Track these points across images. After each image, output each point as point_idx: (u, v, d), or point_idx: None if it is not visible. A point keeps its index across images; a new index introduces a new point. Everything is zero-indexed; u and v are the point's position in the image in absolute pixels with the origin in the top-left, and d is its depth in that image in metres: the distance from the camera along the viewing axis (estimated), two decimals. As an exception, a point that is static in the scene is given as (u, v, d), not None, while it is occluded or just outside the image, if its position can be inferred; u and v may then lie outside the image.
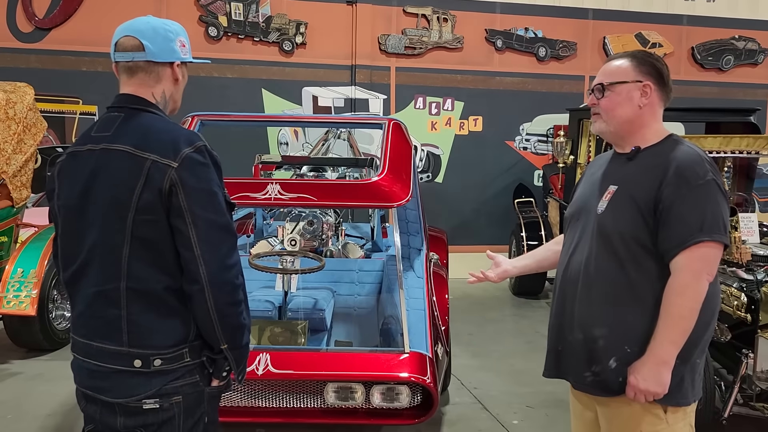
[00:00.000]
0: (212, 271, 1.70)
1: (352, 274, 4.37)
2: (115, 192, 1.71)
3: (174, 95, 1.88)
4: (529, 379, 4.67)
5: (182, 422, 1.77)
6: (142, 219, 1.70)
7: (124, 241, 1.71)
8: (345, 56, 7.94)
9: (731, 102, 8.57)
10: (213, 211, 1.72)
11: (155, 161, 1.69)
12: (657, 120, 2.02)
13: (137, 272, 1.72)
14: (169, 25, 1.86)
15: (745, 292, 3.72)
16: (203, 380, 1.79)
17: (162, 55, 1.81)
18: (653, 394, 1.87)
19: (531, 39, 8.41)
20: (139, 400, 1.73)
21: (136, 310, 1.73)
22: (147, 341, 1.73)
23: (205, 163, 1.73)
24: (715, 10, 8.92)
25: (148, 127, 1.77)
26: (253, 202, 3.38)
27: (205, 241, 1.69)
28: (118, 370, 1.74)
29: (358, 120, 5.48)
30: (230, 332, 1.75)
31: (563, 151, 6.79)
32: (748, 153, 5.04)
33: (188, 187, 1.69)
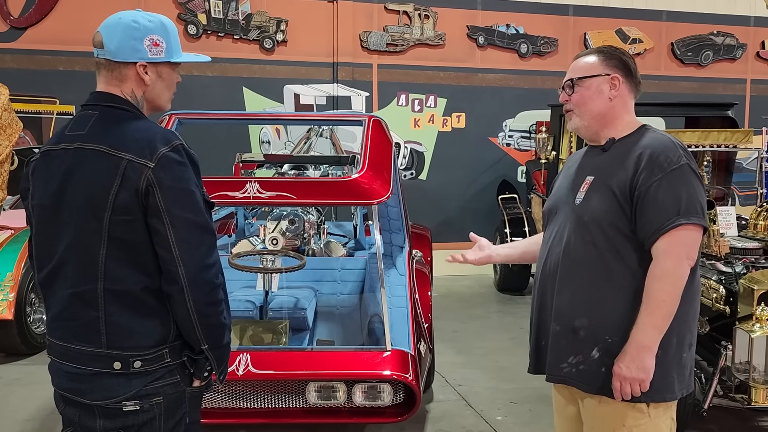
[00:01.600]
0: (191, 272, 1.68)
1: (334, 273, 4.35)
2: (91, 192, 1.68)
3: (148, 96, 1.80)
4: (513, 375, 4.68)
5: (163, 423, 1.74)
6: (118, 219, 1.67)
7: (100, 242, 1.68)
8: (326, 54, 7.90)
9: (710, 97, 8.65)
10: (191, 211, 1.70)
11: (131, 161, 1.66)
12: (628, 112, 2.05)
13: (114, 273, 1.69)
14: (140, 21, 1.76)
15: (723, 285, 3.75)
16: (184, 380, 1.77)
17: (120, 54, 1.74)
18: (638, 380, 1.85)
19: (512, 35, 8.42)
20: (119, 402, 1.70)
21: (115, 311, 1.70)
22: (126, 342, 1.71)
23: (182, 162, 1.71)
24: (694, 5, 9.00)
25: (123, 126, 1.73)
26: (232, 201, 3.35)
27: (183, 241, 1.68)
28: (98, 372, 1.71)
29: (339, 117, 5.46)
30: (210, 332, 1.73)
31: (545, 146, 6.82)
32: (726, 147, 5.09)
33: (165, 186, 1.66)
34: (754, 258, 3.92)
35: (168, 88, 1.85)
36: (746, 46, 9.15)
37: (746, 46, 9.15)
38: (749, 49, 9.18)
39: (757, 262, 3.87)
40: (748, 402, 3.20)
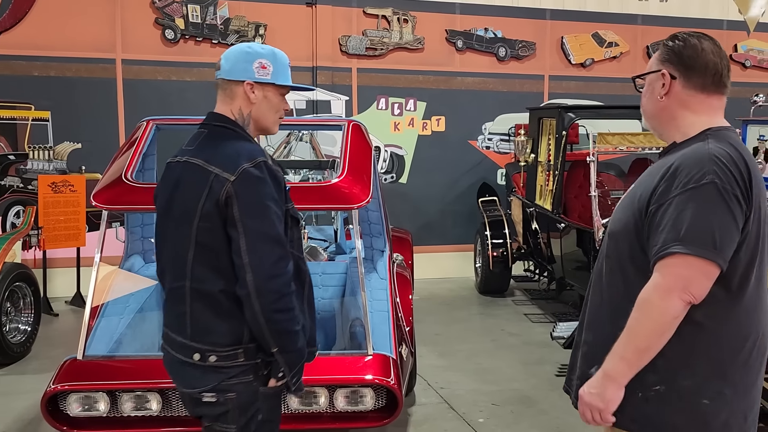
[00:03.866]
0: (259, 279, 1.83)
1: (315, 277, 4.27)
2: (186, 201, 1.91)
3: (254, 114, 2.01)
4: (495, 377, 4.71)
5: (237, 416, 1.92)
6: (203, 226, 1.87)
7: (189, 245, 1.90)
8: (306, 58, 7.88)
9: (685, 99, 8.78)
10: (263, 223, 1.85)
11: (217, 174, 1.86)
12: (691, 111, 1.76)
13: (198, 274, 1.90)
14: (253, 47, 2.03)
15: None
16: (258, 380, 1.93)
17: (232, 73, 1.98)
18: (596, 408, 1.69)
19: (491, 39, 8.48)
20: (199, 392, 1.92)
21: (198, 308, 1.91)
22: (205, 338, 1.90)
23: (261, 177, 1.87)
24: (668, 9, 9.14)
25: (221, 143, 1.94)
26: (211, 206, 3.32)
27: (253, 251, 1.83)
28: (183, 361, 1.94)
29: (318, 122, 5.45)
30: (278, 336, 1.87)
31: (524, 149, 6.87)
32: (701, 148, 5.17)
33: (241, 199, 1.83)
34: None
35: (273, 110, 2.04)
36: (719, 49, 9.32)
37: (719, 49, 9.32)
38: (722, 52, 9.35)
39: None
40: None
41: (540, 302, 6.75)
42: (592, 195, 5.06)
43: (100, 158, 6.04)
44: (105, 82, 7.26)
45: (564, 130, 5.78)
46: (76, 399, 3.08)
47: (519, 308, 6.63)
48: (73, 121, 7.13)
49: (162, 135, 4.30)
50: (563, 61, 8.78)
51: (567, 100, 8.45)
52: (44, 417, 3.10)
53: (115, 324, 3.63)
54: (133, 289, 3.97)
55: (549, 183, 6.12)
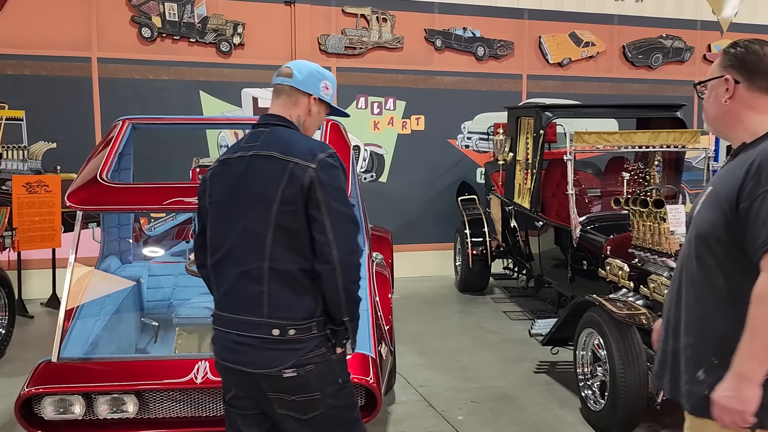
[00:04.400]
0: (342, 254, 2.04)
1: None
2: (263, 188, 2.08)
3: (306, 123, 2.26)
4: (474, 374, 4.74)
5: (319, 385, 2.11)
6: (284, 210, 2.05)
7: (268, 228, 2.06)
8: (285, 57, 7.85)
9: (661, 98, 8.92)
10: (343, 204, 2.09)
11: (297, 163, 2.07)
12: (757, 111, 1.85)
13: (277, 255, 2.06)
14: (322, 70, 2.30)
15: (674, 281, 3.88)
16: (329, 351, 2.13)
17: (305, 86, 2.23)
18: (736, 411, 1.68)
19: (469, 38, 8.52)
20: (279, 370, 2.06)
21: (276, 287, 2.07)
22: (283, 313, 2.07)
23: (336, 165, 2.11)
24: (644, 9, 9.26)
25: (289, 138, 2.15)
26: (188, 206, 3.30)
27: (336, 229, 2.04)
28: (260, 341, 2.07)
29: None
30: (351, 306, 2.10)
31: (503, 148, 6.92)
32: (675, 147, 5.25)
33: (324, 183, 2.05)
34: (702, 254, 4.06)
35: (317, 124, 2.33)
36: (694, 49, 9.46)
37: (694, 49, 9.46)
38: (696, 52, 9.49)
39: (705, 258, 4.01)
40: (697, 394, 3.29)
41: (519, 300, 6.81)
42: (570, 193, 5.12)
43: (76, 158, 5.97)
44: (80, 81, 7.16)
45: (541, 129, 5.83)
46: (51, 402, 3.05)
47: (498, 306, 6.68)
48: (48, 121, 7.03)
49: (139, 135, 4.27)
50: (541, 60, 8.85)
51: (545, 99, 8.52)
52: (18, 420, 3.06)
53: (90, 326, 3.59)
54: (109, 290, 3.93)
55: (527, 181, 6.17)
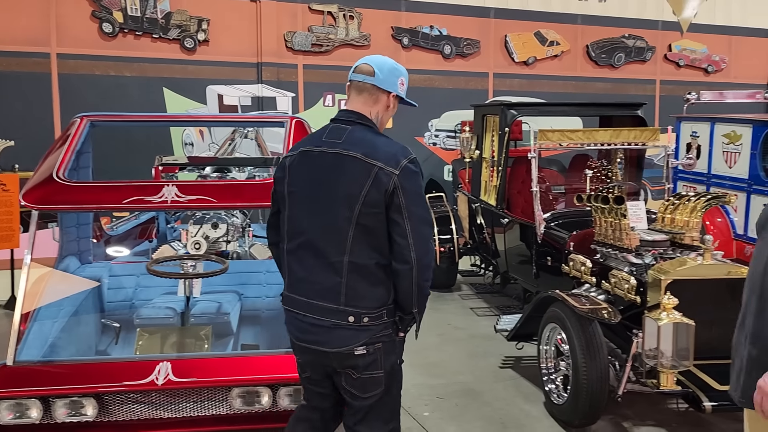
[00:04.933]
0: (420, 256, 2.24)
1: (259, 276, 4.29)
2: (348, 188, 2.23)
3: (383, 119, 2.39)
4: (441, 370, 4.76)
5: (383, 362, 2.36)
6: (366, 211, 2.22)
7: (350, 226, 2.23)
8: (250, 54, 7.78)
9: (623, 97, 9.09)
10: (422, 209, 2.26)
11: (381, 168, 2.21)
12: None
13: (356, 250, 2.25)
14: (398, 66, 2.42)
15: (634, 276, 3.95)
16: (394, 332, 2.37)
17: (386, 84, 2.35)
18: None
19: (436, 37, 8.55)
20: (351, 349, 2.29)
21: (353, 278, 2.26)
22: (359, 303, 2.28)
23: (417, 171, 2.28)
24: (607, 10, 9.42)
25: (372, 139, 2.29)
26: (149, 205, 3.25)
27: (416, 232, 2.23)
28: (335, 325, 2.27)
29: (260, 119, 5.38)
30: (421, 300, 2.33)
31: (469, 146, 6.95)
32: (636, 144, 5.35)
33: (407, 189, 2.22)
34: (662, 249, 4.15)
35: (390, 117, 2.44)
36: (655, 48, 9.66)
37: (655, 48, 9.66)
38: (658, 52, 9.70)
39: (665, 254, 4.09)
40: (657, 386, 3.37)
41: (485, 296, 6.86)
42: (534, 190, 5.17)
43: (35, 156, 5.78)
44: (39, 77, 6.99)
45: (507, 127, 5.88)
46: (7, 406, 2.96)
47: (465, 302, 6.72)
48: (5, 118, 6.84)
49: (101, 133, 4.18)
50: (507, 59, 8.94)
51: (511, 97, 8.61)
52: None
53: (48, 328, 3.51)
54: (68, 291, 3.84)
55: (493, 179, 6.22)
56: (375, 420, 2.43)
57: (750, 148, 6.63)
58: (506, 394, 4.31)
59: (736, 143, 6.87)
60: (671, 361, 3.32)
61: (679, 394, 3.39)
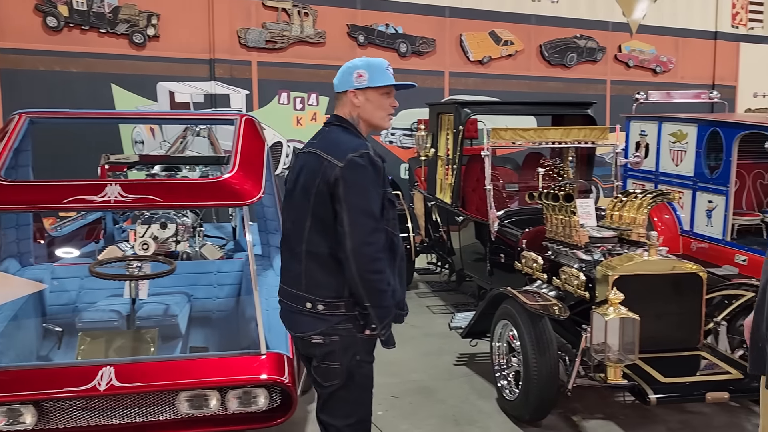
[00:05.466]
0: (355, 245, 2.28)
1: (210, 276, 4.20)
2: (306, 182, 2.39)
3: (362, 116, 2.45)
4: (395, 369, 4.76)
5: (340, 356, 2.41)
6: (317, 201, 2.34)
7: (307, 216, 2.38)
8: (202, 50, 7.63)
9: (575, 96, 9.25)
10: (363, 200, 2.30)
11: (330, 161, 2.33)
12: None
13: (313, 239, 2.38)
14: (354, 62, 2.48)
15: (583, 272, 4.02)
16: (356, 328, 2.40)
17: (339, 87, 2.48)
18: None
19: (392, 35, 8.55)
20: (309, 335, 2.41)
21: (311, 267, 2.39)
22: (316, 290, 2.39)
23: (363, 165, 2.31)
24: (559, 10, 9.57)
25: (336, 138, 2.41)
26: (90, 205, 3.15)
27: (352, 222, 2.28)
28: (298, 310, 2.43)
29: (209, 116, 5.27)
30: (370, 293, 2.31)
31: (424, 144, 6.98)
32: (586, 143, 5.45)
33: (347, 181, 2.29)
34: (610, 246, 4.23)
35: (379, 109, 2.46)
36: (606, 49, 9.87)
37: (606, 49, 9.87)
38: (608, 52, 9.91)
39: (613, 250, 4.18)
40: (604, 380, 3.43)
41: (442, 294, 6.89)
42: (488, 188, 5.21)
43: (-27, 154, 5.57)
44: (-22, 72, 6.71)
45: (461, 125, 5.91)
46: (-62, 417, 2.83)
47: (422, 300, 6.74)
48: (-58, 114, 6.55)
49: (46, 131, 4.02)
50: (462, 58, 9.00)
51: (466, 95, 8.68)
52: None
53: (-15, 333, 3.36)
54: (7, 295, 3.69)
55: (448, 177, 6.25)
56: (335, 410, 2.51)
57: (695, 147, 6.83)
58: (460, 391, 4.33)
59: (682, 142, 7.07)
60: (618, 355, 3.38)
61: (626, 388, 3.46)
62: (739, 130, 6.26)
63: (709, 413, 3.90)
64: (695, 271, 3.84)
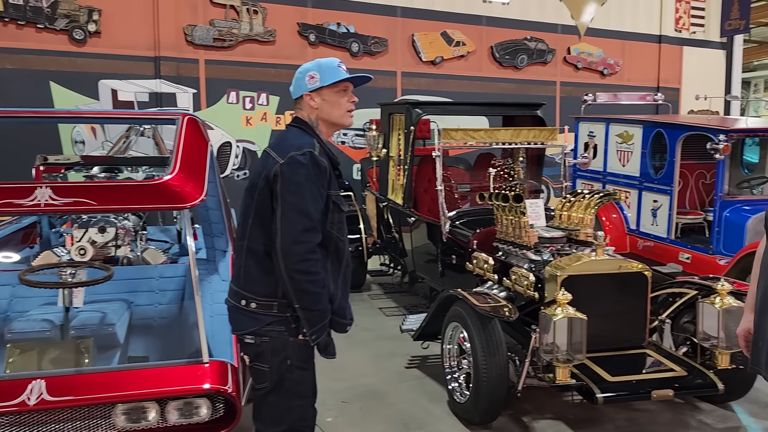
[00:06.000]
0: (285, 243, 2.26)
1: (151, 282, 4.04)
2: (254, 178, 2.40)
3: (320, 116, 2.46)
4: (346, 374, 4.68)
5: (269, 358, 2.38)
6: (260, 197, 2.34)
7: (251, 212, 2.38)
8: (147, 47, 7.39)
9: (526, 97, 9.36)
10: (297, 198, 2.27)
11: (273, 158, 2.34)
12: None
13: (253, 235, 2.37)
14: (306, 66, 2.49)
15: (533, 273, 4.03)
16: (288, 331, 2.36)
17: (295, 93, 2.51)
18: None
19: (343, 34, 8.47)
20: (242, 334, 2.41)
21: (250, 263, 2.38)
22: (251, 287, 2.38)
23: (303, 163, 2.29)
24: (509, 12, 9.66)
25: (287, 136, 2.44)
26: (18, 209, 2.96)
27: (285, 219, 2.27)
28: (235, 307, 2.43)
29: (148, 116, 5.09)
30: (299, 295, 2.27)
31: (376, 144, 6.92)
32: (535, 144, 5.48)
33: (285, 177, 2.28)
34: (559, 246, 4.26)
35: (336, 107, 2.46)
36: (555, 51, 10.02)
37: (555, 51, 10.02)
38: (558, 54, 10.06)
39: (562, 250, 4.20)
40: (553, 381, 3.44)
41: (395, 296, 6.85)
42: (439, 189, 5.19)
43: None
44: None
45: (412, 126, 5.88)
46: None
47: (374, 302, 6.68)
48: None
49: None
50: (414, 58, 8.98)
51: (419, 96, 8.67)
52: None
53: None
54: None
55: (400, 177, 6.21)
56: (264, 416, 2.46)
57: (641, 147, 6.98)
58: (411, 394, 4.29)
59: (628, 143, 7.22)
60: (566, 355, 3.39)
61: (574, 387, 3.47)
62: (682, 131, 6.42)
63: (654, 410, 3.96)
64: (640, 270, 3.89)
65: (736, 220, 6.04)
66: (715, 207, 6.15)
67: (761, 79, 18.09)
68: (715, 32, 11.35)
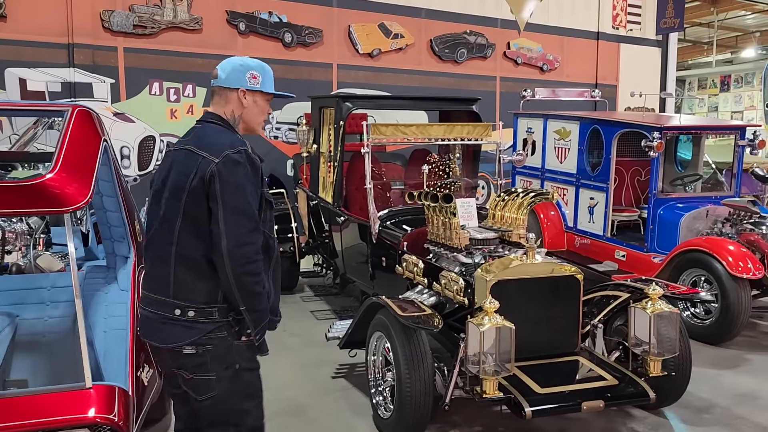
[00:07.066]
0: (230, 245, 2.19)
1: (41, 293, 3.61)
2: (177, 179, 2.27)
3: (244, 117, 2.42)
4: (269, 385, 4.28)
5: (215, 366, 2.29)
6: (191, 200, 2.23)
7: (177, 217, 2.26)
8: (59, 33, 6.84)
9: (466, 92, 9.19)
10: (239, 199, 2.21)
11: (205, 157, 2.24)
12: None
13: (184, 240, 2.26)
14: (247, 62, 2.43)
15: (463, 277, 3.81)
16: (231, 336, 2.31)
17: (230, 82, 2.39)
18: None
19: (276, 23, 8.09)
20: (180, 346, 2.27)
21: (181, 271, 2.27)
22: (185, 295, 2.27)
23: (240, 162, 2.23)
24: (449, 5, 9.47)
25: (210, 134, 2.34)
26: None
27: (228, 221, 2.19)
28: (165, 318, 2.29)
29: (30, 107, 4.59)
30: (245, 296, 2.22)
31: (306, 139, 6.61)
32: (469, 140, 5.28)
33: (223, 178, 2.20)
34: (492, 247, 4.05)
35: (261, 113, 2.46)
36: (495, 46, 9.89)
37: (495, 46, 9.89)
38: (497, 49, 9.93)
39: (494, 252, 4.00)
40: (480, 395, 3.21)
41: (328, 298, 6.56)
42: (368, 187, 4.92)
43: None
44: None
45: (342, 120, 5.59)
46: None
47: (306, 305, 6.38)
48: None
49: None
50: (351, 50, 8.68)
51: (356, 89, 8.38)
52: None
53: None
54: None
55: (330, 174, 5.92)
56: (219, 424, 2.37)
57: (578, 144, 6.90)
58: (335, 407, 4.01)
59: (565, 139, 7.13)
60: (494, 366, 3.17)
61: (502, 401, 3.26)
62: (618, 128, 6.36)
63: (587, 419, 3.81)
64: (573, 274, 3.72)
65: (669, 218, 6.01)
66: (650, 205, 6.11)
67: (695, 77, 18.59)
68: (651, 30, 11.47)
